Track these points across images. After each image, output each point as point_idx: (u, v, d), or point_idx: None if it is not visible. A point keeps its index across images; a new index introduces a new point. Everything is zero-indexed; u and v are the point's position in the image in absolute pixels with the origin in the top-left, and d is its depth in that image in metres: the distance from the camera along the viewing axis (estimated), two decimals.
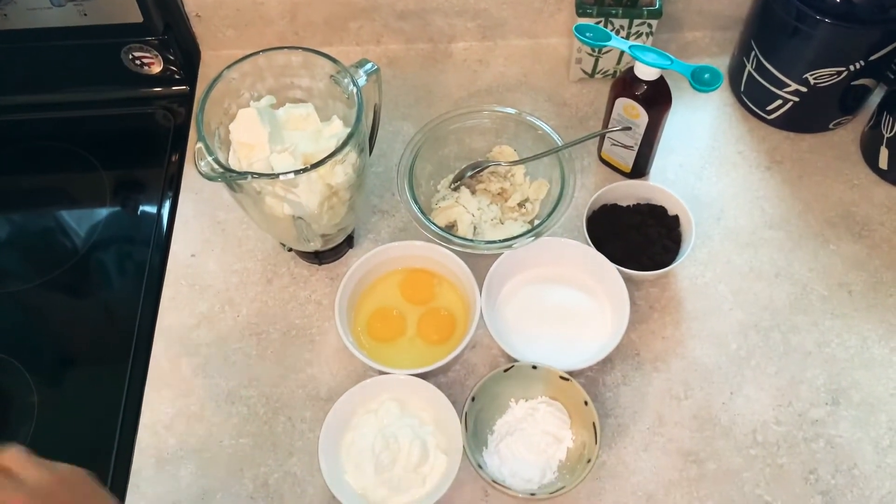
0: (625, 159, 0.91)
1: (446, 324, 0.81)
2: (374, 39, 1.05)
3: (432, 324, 0.81)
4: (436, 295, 0.83)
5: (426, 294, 0.83)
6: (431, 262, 0.83)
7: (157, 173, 0.98)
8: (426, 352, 0.79)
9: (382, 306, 0.82)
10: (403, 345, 0.80)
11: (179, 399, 0.81)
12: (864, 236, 0.89)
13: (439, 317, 0.81)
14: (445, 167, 0.92)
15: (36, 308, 0.91)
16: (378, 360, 0.76)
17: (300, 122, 0.77)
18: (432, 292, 0.83)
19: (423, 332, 0.81)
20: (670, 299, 0.85)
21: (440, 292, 0.83)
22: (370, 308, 0.82)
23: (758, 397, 0.79)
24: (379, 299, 0.83)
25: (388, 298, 0.83)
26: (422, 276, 0.84)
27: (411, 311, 0.82)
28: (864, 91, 0.92)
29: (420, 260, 0.83)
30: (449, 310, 0.82)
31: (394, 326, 0.81)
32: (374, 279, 0.83)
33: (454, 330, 0.80)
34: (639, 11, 0.91)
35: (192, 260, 0.89)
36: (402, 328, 0.81)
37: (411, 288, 0.83)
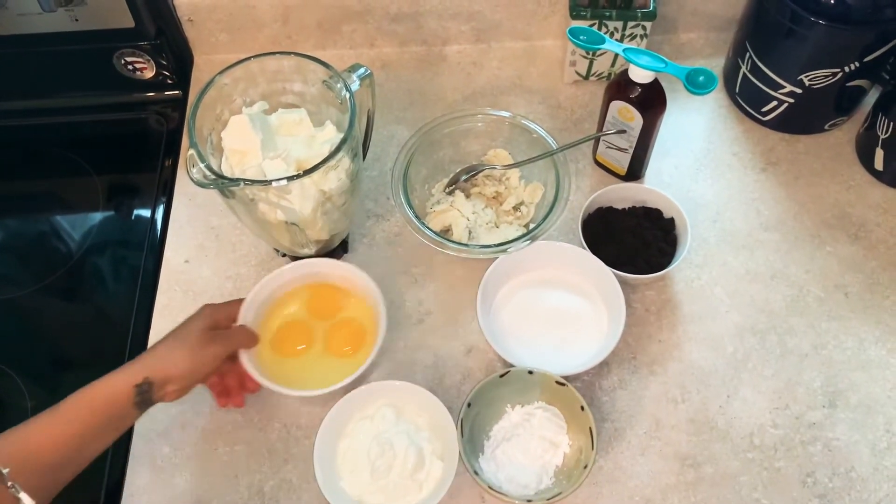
0: (620, 162, 0.91)
1: (355, 334, 0.79)
2: (368, 42, 1.04)
3: (339, 336, 0.79)
4: (343, 308, 0.81)
5: (332, 307, 0.81)
6: (336, 278, 0.81)
7: (151, 178, 0.98)
8: (337, 365, 0.76)
9: (287, 322, 0.80)
10: (313, 359, 0.78)
11: (173, 406, 0.80)
12: (861, 238, 0.88)
13: (347, 328, 0.79)
14: (440, 171, 0.91)
15: (29, 313, 0.91)
16: (288, 376, 0.75)
17: (293, 127, 0.76)
18: (338, 305, 0.81)
19: (331, 344, 0.79)
20: (666, 302, 0.85)
21: (347, 305, 0.81)
22: (274, 325, 0.80)
23: (755, 400, 0.79)
24: (284, 316, 0.80)
25: (293, 314, 0.81)
26: (327, 290, 0.82)
27: (319, 327, 0.80)
28: (859, 92, 0.92)
29: (325, 276, 0.81)
30: (355, 320, 0.80)
31: (299, 338, 0.79)
32: (279, 297, 0.81)
33: (363, 340, 0.78)
34: (633, 13, 0.91)
35: (186, 266, 0.89)
36: (309, 339, 0.79)
37: (317, 302, 0.81)
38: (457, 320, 0.84)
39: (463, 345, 0.83)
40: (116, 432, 0.66)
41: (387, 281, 0.87)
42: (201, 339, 0.70)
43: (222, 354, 0.71)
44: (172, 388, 0.68)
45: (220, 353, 0.71)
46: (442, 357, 0.82)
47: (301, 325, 0.80)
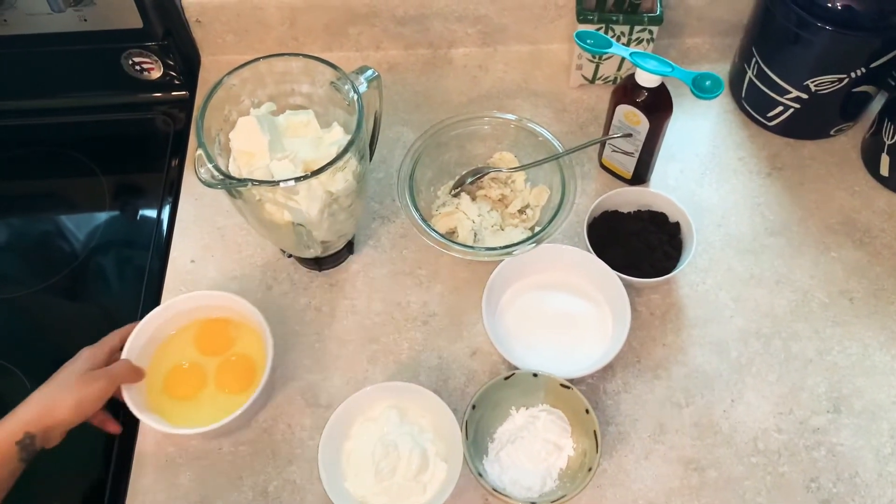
0: (625, 166, 0.91)
1: (243, 371, 0.78)
2: (374, 45, 1.05)
3: (229, 374, 0.78)
4: (234, 341, 0.80)
5: (223, 344, 0.80)
6: (226, 311, 0.80)
7: (157, 178, 0.98)
8: (229, 403, 0.75)
9: (177, 364, 0.78)
10: (206, 399, 0.77)
11: None
12: (866, 243, 0.88)
13: (235, 365, 0.78)
14: (446, 173, 0.92)
15: (34, 313, 0.91)
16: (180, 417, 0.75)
17: (300, 128, 0.77)
18: (230, 341, 0.80)
19: (221, 383, 0.77)
20: (671, 306, 0.85)
21: (238, 337, 0.80)
22: (166, 366, 0.78)
23: (759, 405, 0.79)
24: (174, 356, 0.79)
25: (183, 354, 0.79)
26: (217, 325, 0.80)
27: (210, 364, 0.79)
28: (865, 98, 0.92)
29: (215, 310, 0.80)
30: (246, 356, 0.79)
31: (191, 382, 0.78)
32: (168, 335, 0.80)
33: (254, 376, 0.77)
34: (640, 18, 0.91)
35: (192, 266, 0.89)
36: (201, 382, 0.78)
37: (207, 339, 0.80)
38: (462, 322, 0.84)
39: (468, 347, 0.83)
40: (4, 487, 0.66)
41: (392, 282, 0.87)
42: (83, 379, 0.70)
43: (107, 391, 0.71)
44: (58, 433, 0.68)
45: (105, 390, 0.70)
46: (446, 359, 0.82)
47: (190, 370, 0.78)
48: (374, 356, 0.83)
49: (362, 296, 0.87)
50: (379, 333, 0.84)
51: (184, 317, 0.80)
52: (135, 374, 0.75)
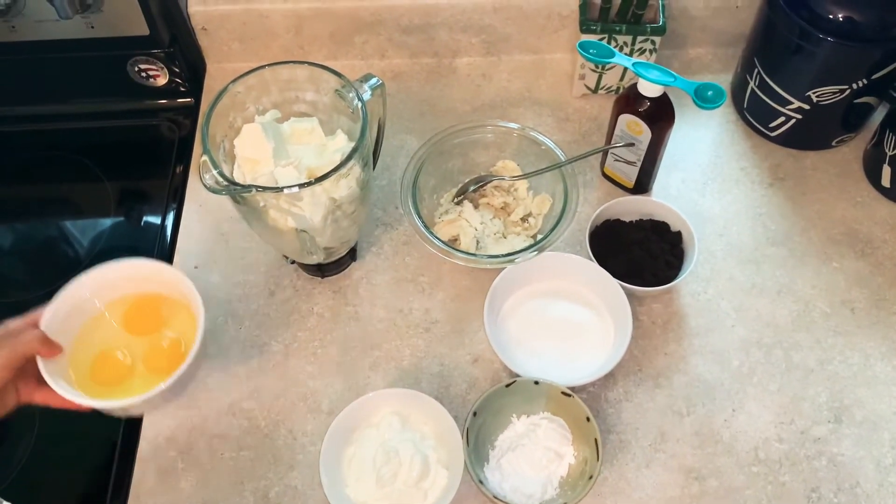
0: (628, 175, 0.91)
1: (173, 352, 0.73)
2: (379, 54, 1.05)
3: (157, 356, 0.73)
4: (166, 321, 0.75)
5: (153, 323, 0.75)
6: (158, 284, 0.75)
7: (162, 184, 0.98)
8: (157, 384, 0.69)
9: (103, 350, 0.73)
10: (136, 384, 0.72)
11: (181, 411, 0.81)
12: (867, 254, 0.89)
13: (162, 348, 0.74)
14: (449, 181, 0.92)
15: None
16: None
17: (305, 136, 0.77)
18: (161, 320, 0.75)
19: (151, 366, 0.73)
20: (672, 315, 0.85)
21: (171, 316, 0.75)
22: (91, 351, 0.73)
23: (760, 414, 0.79)
24: (101, 339, 0.74)
25: (111, 336, 0.74)
26: (148, 303, 0.75)
27: (140, 345, 0.74)
28: (866, 109, 0.92)
29: (145, 283, 0.75)
30: (177, 340, 0.74)
31: (119, 369, 0.73)
32: (95, 314, 0.74)
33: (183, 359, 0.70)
34: (642, 28, 0.92)
35: (195, 272, 0.89)
36: (129, 370, 0.73)
37: (136, 319, 0.75)
38: (463, 329, 0.85)
39: (469, 354, 0.83)
40: None
41: (394, 289, 0.87)
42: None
43: (8, 359, 0.65)
44: None
45: (7, 358, 0.64)
46: (448, 366, 0.82)
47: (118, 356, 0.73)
48: (376, 362, 0.83)
49: (365, 302, 0.87)
50: (381, 340, 0.84)
51: (112, 289, 0.74)
52: (47, 347, 0.68)
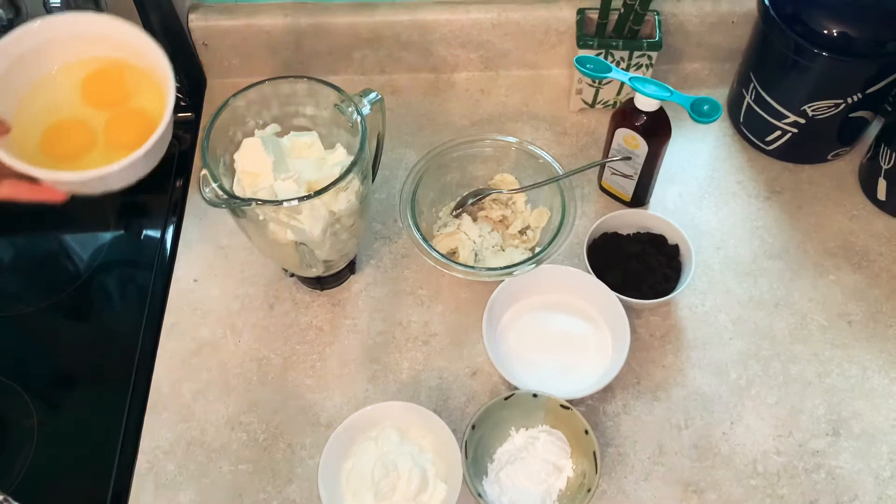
0: (625, 188, 0.92)
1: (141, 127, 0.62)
2: (378, 69, 1.06)
3: (123, 129, 0.64)
4: (130, 93, 0.65)
5: (117, 94, 0.65)
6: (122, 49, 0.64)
7: (162, 198, 0.99)
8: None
9: (59, 120, 0.63)
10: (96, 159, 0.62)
11: (179, 424, 0.81)
12: (864, 266, 0.89)
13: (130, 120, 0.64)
14: (447, 194, 0.93)
15: (37, 332, 0.91)
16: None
17: (304, 149, 0.78)
18: (125, 92, 0.65)
19: (113, 139, 0.63)
20: (670, 328, 0.85)
21: (137, 90, 0.65)
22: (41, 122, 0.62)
23: (758, 427, 0.79)
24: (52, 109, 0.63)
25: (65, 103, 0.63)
26: (111, 71, 0.65)
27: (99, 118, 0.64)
28: (861, 123, 0.93)
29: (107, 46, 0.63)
30: (144, 110, 0.64)
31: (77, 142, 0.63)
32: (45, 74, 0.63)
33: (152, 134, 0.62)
34: (639, 43, 0.92)
35: (195, 285, 0.90)
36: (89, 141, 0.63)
37: (97, 88, 0.65)
38: (462, 342, 0.85)
39: (468, 367, 0.83)
40: None
41: (393, 302, 0.88)
42: None
43: None
44: None
45: None
46: (447, 379, 0.82)
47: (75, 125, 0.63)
48: (375, 376, 0.83)
49: (363, 315, 0.87)
50: (380, 353, 0.84)
51: (66, 48, 0.64)
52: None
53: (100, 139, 0.64)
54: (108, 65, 0.65)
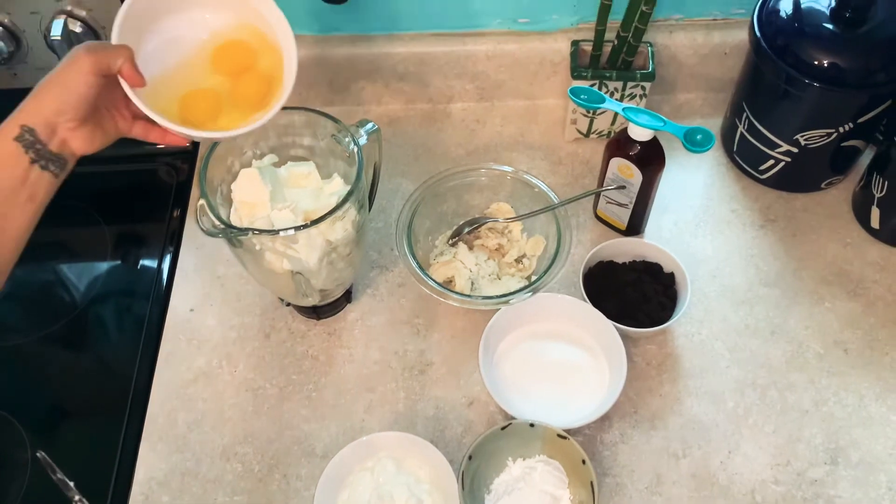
0: (620, 217, 0.92)
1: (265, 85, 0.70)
2: (376, 99, 1.07)
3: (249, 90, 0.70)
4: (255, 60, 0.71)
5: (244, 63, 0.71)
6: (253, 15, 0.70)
7: (159, 228, 0.99)
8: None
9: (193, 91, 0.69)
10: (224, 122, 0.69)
11: (174, 455, 0.80)
12: (859, 294, 0.89)
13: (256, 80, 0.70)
14: (444, 223, 0.93)
15: (33, 362, 0.91)
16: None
17: (301, 179, 0.78)
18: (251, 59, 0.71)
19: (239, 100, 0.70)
20: (667, 356, 0.85)
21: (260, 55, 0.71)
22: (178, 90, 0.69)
23: (756, 456, 0.79)
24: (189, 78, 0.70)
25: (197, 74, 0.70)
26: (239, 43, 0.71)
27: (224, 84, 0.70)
28: (854, 152, 0.94)
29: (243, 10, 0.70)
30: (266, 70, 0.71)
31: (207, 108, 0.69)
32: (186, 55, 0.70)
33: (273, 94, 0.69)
34: (632, 74, 0.94)
35: (191, 314, 0.90)
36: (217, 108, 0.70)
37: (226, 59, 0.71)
38: (459, 371, 0.85)
39: (465, 396, 0.83)
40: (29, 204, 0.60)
41: (389, 331, 0.88)
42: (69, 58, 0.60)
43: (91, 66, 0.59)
44: (67, 126, 0.60)
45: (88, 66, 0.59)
46: (443, 409, 0.82)
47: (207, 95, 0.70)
48: (371, 405, 0.83)
49: (360, 344, 0.87)
50: (376, 382, 0.84)
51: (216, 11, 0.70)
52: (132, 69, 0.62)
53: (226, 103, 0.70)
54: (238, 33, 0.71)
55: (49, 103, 0.59)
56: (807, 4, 0.85)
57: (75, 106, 0.60)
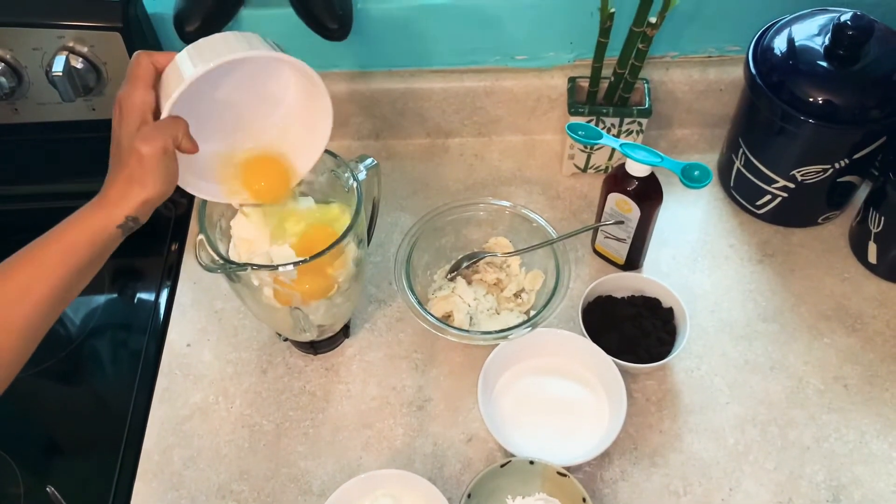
0: (618, 252, 0.92)
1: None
2: (374, 135, 1.08)
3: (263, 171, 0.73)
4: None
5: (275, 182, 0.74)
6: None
7: (157, 262, 0.99)
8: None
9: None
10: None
11: (169, 492, 0.79)
12: (858, 329, 0.89)
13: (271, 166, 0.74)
14: (442, 257, 0.93)
15: (27, 397, 0.90)
16: None
17: (301, 215, 0.78)
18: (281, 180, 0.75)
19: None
20: (667, 392, 0.85)
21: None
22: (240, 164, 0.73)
23: (757, 493, 0.78)
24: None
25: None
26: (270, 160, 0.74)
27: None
28: (850, 187, 0.94)
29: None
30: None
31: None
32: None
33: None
34: (629, 110, 0.94)
35: (188, 349, 0.89)
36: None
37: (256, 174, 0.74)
38: (457, 408, 0.84)
39: (463, 433, 0.82)
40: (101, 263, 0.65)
41: (387, 366, 0.87)
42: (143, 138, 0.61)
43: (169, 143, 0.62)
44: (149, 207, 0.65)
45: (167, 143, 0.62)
46: (442, 446, 0.81)
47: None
48: (369, 442, 0.82)
49: (357, 380, 0.86)
50: (374, 419, 0.84)
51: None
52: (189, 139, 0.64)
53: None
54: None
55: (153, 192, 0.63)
56: (801, 42, 0.87)
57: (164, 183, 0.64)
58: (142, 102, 0.62)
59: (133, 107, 0.62)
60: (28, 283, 0.61)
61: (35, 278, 0.61)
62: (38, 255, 0.62)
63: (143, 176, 0.62)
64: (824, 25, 0.86)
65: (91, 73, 0.91)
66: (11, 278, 0.61)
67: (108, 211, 0.62)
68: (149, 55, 0.64)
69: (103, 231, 0.62)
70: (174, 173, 0.64)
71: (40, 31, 0.88)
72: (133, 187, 0.62)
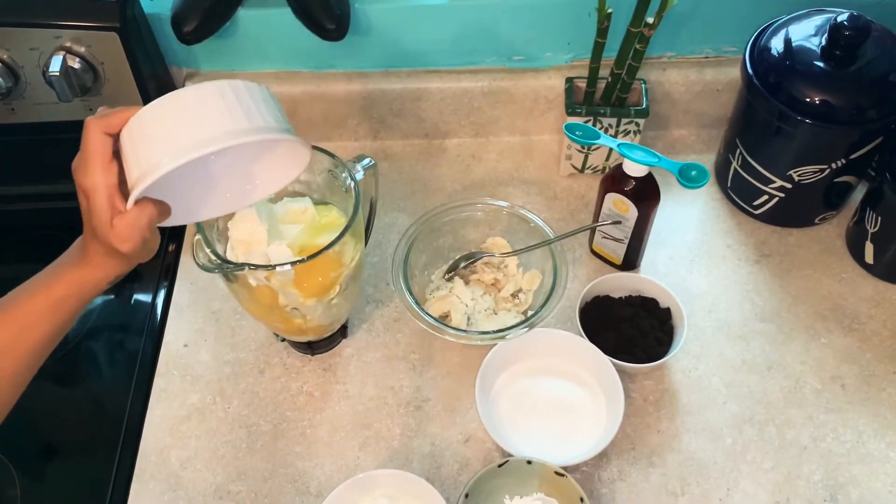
0: (616, 252, 0.92)
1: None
2: (372, 135, 1.08)
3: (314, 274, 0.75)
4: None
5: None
6: None
7: (154, 262, 0.97)
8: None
9: None
10: None
11: (166, 493, 0.79)
12: (855, 329, 0.89)
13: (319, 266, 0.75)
14: (440, 258, 0.93)
15: (24, 398, 0.89)
16: None
17: (298, 215, 0.78)
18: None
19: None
20: (664, 392, 0.85)
21: None
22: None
23: (755, 493, 0.78)
24: None
25: None
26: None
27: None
28: (846, 187, 0.95)
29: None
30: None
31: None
32: None
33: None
34: (626, 111, 0.94)
35: (185, 350, 0.89)
36: None
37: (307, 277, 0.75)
38: (455, 408, 0.84)
39: (461, 433, 0.82)
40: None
41: (385, 366, 0.87)
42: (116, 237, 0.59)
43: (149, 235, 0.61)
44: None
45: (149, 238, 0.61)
46: (439, 445, 0.81)
47: None
48: (366, 442, 0.82)
49: (355, 380, 0.86)
50: (371, 419, 0.83)
51: None
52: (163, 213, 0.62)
53: None
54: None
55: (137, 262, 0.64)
56: (798, 42, 0.87)
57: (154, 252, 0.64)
58: (105, 187, 0.59)
59: (97, 193, 0.59)
60: (15, 338, 0.62)
61: (21, 336, 0.63)
62: (24, 312, 0.63)
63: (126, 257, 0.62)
64: (821, 26, 0.86)
65: (88, 74, 0.91)
66: None
67: (91, 270, 0.63)
68: (99, 123, 0.59)
69: (94, 288, 0.64)
70: (157, 242, 0.64)
71: (37, 31, 0.88)
72: (117, 261, 0.62)
